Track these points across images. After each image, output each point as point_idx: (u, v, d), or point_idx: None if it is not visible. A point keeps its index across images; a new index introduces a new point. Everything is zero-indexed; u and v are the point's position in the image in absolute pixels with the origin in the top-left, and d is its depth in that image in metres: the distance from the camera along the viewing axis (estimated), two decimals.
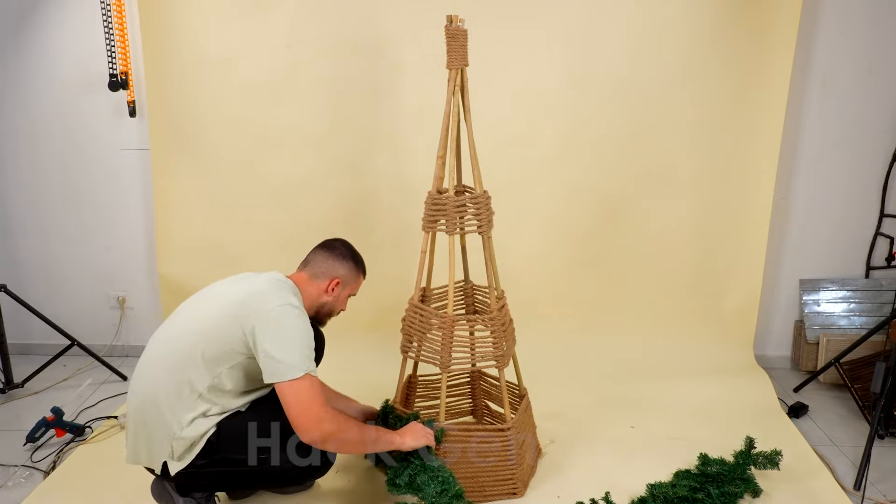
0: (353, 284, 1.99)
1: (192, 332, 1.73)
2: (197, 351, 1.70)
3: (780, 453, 2.07)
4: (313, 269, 1.93)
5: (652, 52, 2.72)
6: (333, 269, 1.93)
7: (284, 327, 1.68)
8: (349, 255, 1.97)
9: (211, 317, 1.73)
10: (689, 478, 2.04)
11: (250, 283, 1.79)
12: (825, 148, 2.82)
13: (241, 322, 1.68)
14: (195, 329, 1.74)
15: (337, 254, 1.95)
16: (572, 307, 3.01)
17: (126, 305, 3.11)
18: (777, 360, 3.07)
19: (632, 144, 2.82)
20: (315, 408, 1.66)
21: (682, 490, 1.94)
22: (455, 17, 1.92)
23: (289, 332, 1.69)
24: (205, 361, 1.70)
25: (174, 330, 1.78)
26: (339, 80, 2.77)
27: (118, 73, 2.73)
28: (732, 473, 2.03)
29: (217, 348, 1.70)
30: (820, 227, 2.91)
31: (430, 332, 2.05)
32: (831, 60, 2.73)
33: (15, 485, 2.15)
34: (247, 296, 1.73)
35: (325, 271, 1.92)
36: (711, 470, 2.05)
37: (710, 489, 1.96)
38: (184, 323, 1.78)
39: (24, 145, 2.93)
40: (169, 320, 1.83)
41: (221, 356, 1.70)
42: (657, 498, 1.95)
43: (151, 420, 1.72)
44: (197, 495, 1.86)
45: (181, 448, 1.70)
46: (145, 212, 2.97)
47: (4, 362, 2.75)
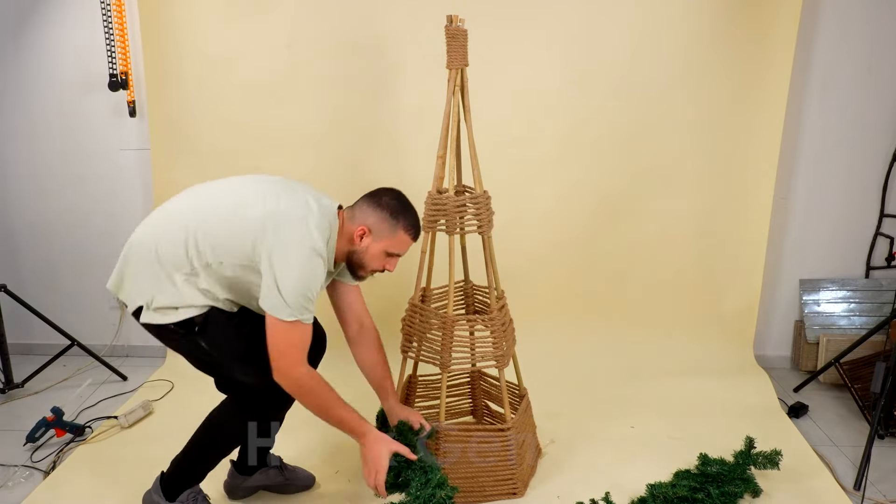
0: (388, 240, 1.79)
1: (219, 209, 1.70)
2: (215, 228, 1.67)
3: (779, 453, 2.07)
4: (350, 213, 1.81)
5: (652, 51, 2.72)
6: (364, 215, 1.78)
7: (296, 266, 1.62)
8: (389, 205, 1.78)
9: (245, 212, 1.67)
10: (689, 478, 2.04)
11: (295, 201, 1.70)
12: (825, 148, 2.82)
13: (261, 234, 1.63)
14: (225, 210, 1.69)
15: (374, 201, 1.79)
16: (572, 307, 3.01)
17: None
18: (777, 360, 3.07)
19: (632, 144, 2.82)
20: (295, 353, 1.64)
21: (682, 490, 1.94)
22: (455, 17, 1.92)
23: (297, 272, 1.62)
24: (218, 241, 1.67)
25: (207, 198, 1.75)
26: (339, 80, 2.77)
27: (118, 73, 2.73)
28: (732, 473, 2.03)
29: (233, 241, 1.66)
30: (820, 227, 2.91)
31: (430, 332, 2.05)
32: (831, 60, 2.73)
33: (15, 485, 2.15)
34: (281, 215, 1.65)
35: (358, 216, 1.79)
36: (711, 470, 2.05)
37: (710, 489, 1.96)
38: (219, 196, 1.75)
39: (24, 145, 2.93)
40: (211, 185, 1.79)
41: (233, 248, 1.66)
42: (657, 498, 1.95)
43: (144, 260, 1.72)
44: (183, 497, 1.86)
45: (160, 303, 1.70)
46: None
47: (4, 362, 2.75)
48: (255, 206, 1.67)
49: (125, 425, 2.46)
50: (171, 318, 1.71)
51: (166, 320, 1.71)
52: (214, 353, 1.75)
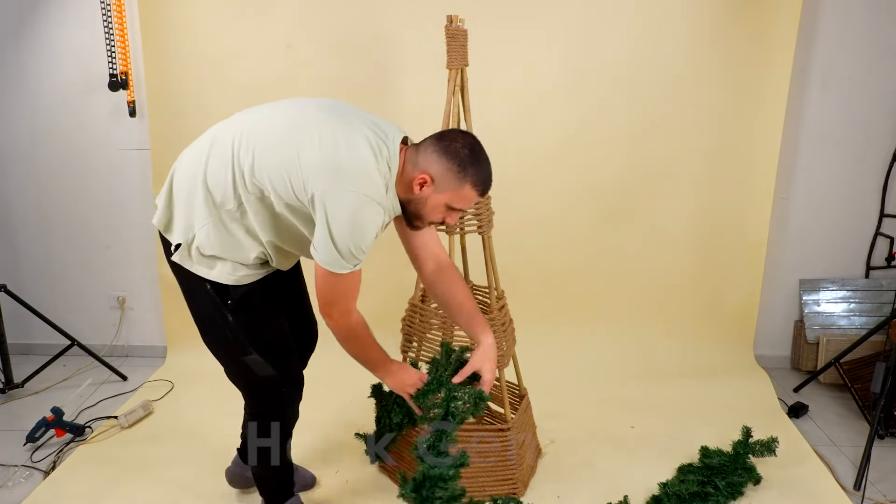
0: (453, 193, 1.56)
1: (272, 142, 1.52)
2: (266, 163, 1.50)
3: (776, 440, 2.15)
4: (412, 155, 1.58)
5: (652, 52, 2.72)
6: (429, 161, 1.54)
7: (350, 218, 1.46)
8: (459, 155, 1.54)
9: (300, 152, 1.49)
10: (694, 472, 2.09)
11: (354, 143, 1.51)
12: (825, 148, 2.82)
13: (313, 179, 1.46)
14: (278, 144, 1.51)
15: (443, 147, 1.54)
16: (572, 307, 3.01)
17: (126, 305, 3.11)
18: (777, 360, 3.07)
19: (632, 144, 2.82)
20: (348, 301, 1.57)
21: (692, 486, 1.99)
22: (455, 18, 1.92)
23: (352, 224, 1.47)
24: (268, 176, 1.50)
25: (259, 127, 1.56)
26: (339, 80, 2.77)
27: (118, 73, 2.73)
28: (734, 464, 2.09)
29: (285, 179, 1.49)
30: (820, 227, 2.91)
31: (430, 332, 2.05)
32: (831, 60, 2.72)
33: (15, 485, 2.15)
34: (338, 160, 1.47)
35: (420, 162, 1.55)
36: (713, 462, 2.11)
37: (716, 481, 2.02)
38: (272, 127, 1.55)
39: (24, 145, 2.93)
40: (262, 111, 1.61)
41: (284, 187, 1.50)
42: (671, 497, 1.98)
43: (191, 189, 1.56)
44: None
45: (200, 243, 1.56)
46: (145, 212, 2.97)
47: (4, 362, 2.75)
48: (310, 147, 1.49)
49: (125, 425, 2.46)
50: (207, 272, 1.58)
51: (200, 271, 1.59)
52: (240, 332, 1.64)
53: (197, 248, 1.57)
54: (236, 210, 1.55)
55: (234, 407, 1.95)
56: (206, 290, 1.61)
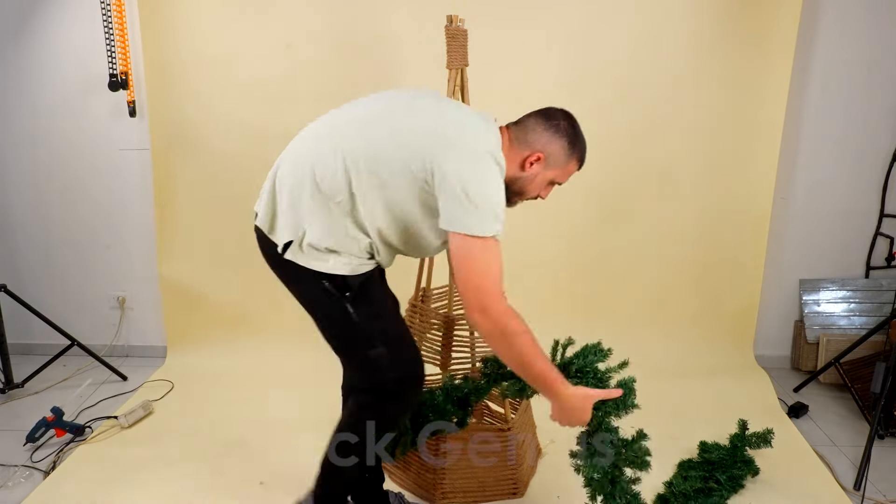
0: (560, 170, 1.61)
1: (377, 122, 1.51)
2: (375, 144, 1.48)
3: (771, 431, 2.18)
4: (519, 133, 1.59)
5: (652, 52, 2.72)
6: (541, 140, 1.57)
7: (483, 175, 1.41)
8: (568, 131, 1.59)
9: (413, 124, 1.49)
10: (694, 467, 2.11)
11: (464, 113, 1.54)
12: (825, 148, 2.82)
13: (431, 147, 1.43)
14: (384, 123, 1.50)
15: (552, 124, 1.59)
16: (572, 307, 3.00)
17: (126, 305, 3.11)
18: (777, 360, 3.07)
19: (632, 144, 2.82)
20: (495, 283, 1.41)
21: (696, 482, 2.00)
22: (455, 17, 1.92)
23: (488, 181, 1.42)
24: (380, 157, 1.47)
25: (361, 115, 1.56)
26: (339, 80, 2.77)
27: (118, 73, 2.73)
28: (733, 457, 2.12)
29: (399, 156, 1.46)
30: (820, 227, 2.91)
31: (430, 331, 2.05)
32: (831, 60, 2.73)
33: (15, 485, 2.15)
34: (458, 127, 1.48)
35: (532, 141, 1.57)
36: (712, 456, 2.14)
37: (717, 476, 2.04)
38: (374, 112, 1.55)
39: (24, 145, 2.93)
40: (358, 104, 1.60)
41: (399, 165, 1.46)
42: (677, 496, 1.99)
43: (299, 186, 1.52)
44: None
45: (312, 238, 1.51)
46: (145, 212, 2.97)
47: (4, 362, 2.75)
48: (423, 122, 1.48)
49: (125, 425, 2.46)
50: (321, 265, 1.51)
51: (315, 265, 1.51)
52: (362, 324, 1.55)
53: (309, 243, 1.51)
54: (347, 201, 1.49)
55: (233, 407, 1.95)
56: (323, 287, 1.54)
